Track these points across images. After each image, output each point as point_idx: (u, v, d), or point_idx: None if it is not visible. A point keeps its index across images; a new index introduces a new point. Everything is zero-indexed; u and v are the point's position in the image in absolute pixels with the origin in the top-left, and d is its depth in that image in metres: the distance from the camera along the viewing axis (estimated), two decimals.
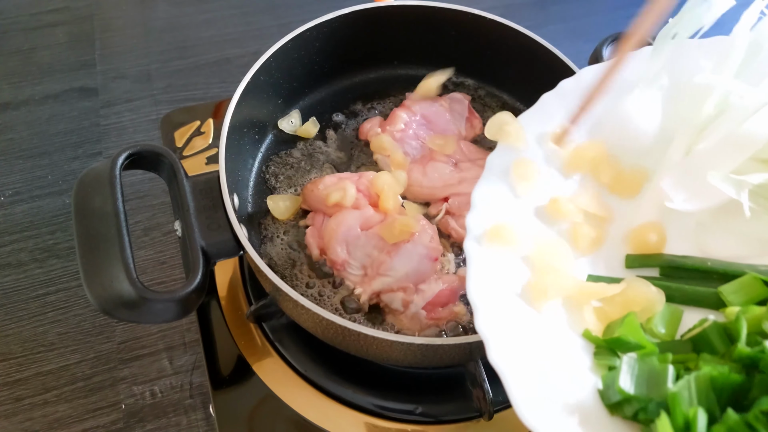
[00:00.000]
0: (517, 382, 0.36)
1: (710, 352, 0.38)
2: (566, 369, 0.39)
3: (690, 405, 0.34)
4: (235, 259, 0.72)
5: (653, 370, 0.36)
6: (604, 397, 0.37)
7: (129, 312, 0.49)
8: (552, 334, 0.40)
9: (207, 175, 0.58)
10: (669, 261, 0.45)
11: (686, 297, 0.43)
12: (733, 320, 0.38)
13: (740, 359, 0.36)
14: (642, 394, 0.35)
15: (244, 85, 0.64)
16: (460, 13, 0.72)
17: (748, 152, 0.44)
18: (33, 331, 0.70)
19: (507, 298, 0.41)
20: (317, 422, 0.61)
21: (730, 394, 0.35)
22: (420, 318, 0.58)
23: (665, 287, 0.43)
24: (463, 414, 0.62)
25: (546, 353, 0.39)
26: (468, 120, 0.73)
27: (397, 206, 0.64)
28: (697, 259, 0.45)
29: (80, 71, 0.96)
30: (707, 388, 0.34)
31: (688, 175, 0.45)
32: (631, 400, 0.35)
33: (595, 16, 1.08)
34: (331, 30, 0.71)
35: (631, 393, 0.35)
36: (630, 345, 0.39)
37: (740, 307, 0.40)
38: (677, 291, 0.44)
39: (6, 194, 0.82)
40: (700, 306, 0.43)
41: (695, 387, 0.34)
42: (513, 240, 0.43)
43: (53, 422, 0.64)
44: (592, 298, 0.43)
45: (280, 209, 0.66)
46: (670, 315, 0.42)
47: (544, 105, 0.50)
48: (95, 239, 0.51)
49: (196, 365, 0.68)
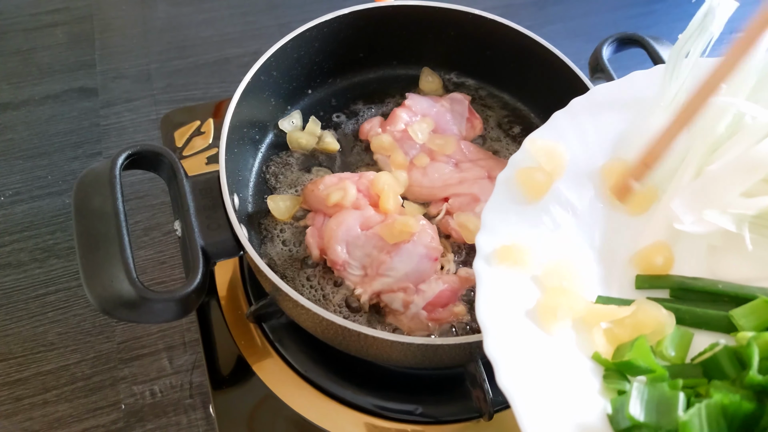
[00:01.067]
0: (526, 406, 0.35)
1: (721, 377, 0.38)
2: (575, 392, 0.38)
3: None
4: (235, 259, 0.72)
5: (663, 396, 0.36)
6: (614, 422, 0.37)
7: (129, 312, 0.49)
8: (561, 356, 0.40)
9: (207, 175, 0.58)
10: (679, 283, 0.45)
11: (697, 320, 0.43)
12: (744, 345, 0.38)
13: (752, 386, 0.36)
14: (652, 422, 0.35)
15: (245, 85, 0.64)
16: (460, 13, 0.72)
17: (759, 174, 0.43)
18: (33, 331, 0.70)
19: (517, 319, 0.40)
20: (317, 422, 0.61)
21: (741, 422, 0.34)
22: (420, 318, 0.58)
23: (675, 309, 0.43)
24: (463, 414, 0.62)
25: (555, 376, 0.38)
26: (468, 120, 0.73)
27: (398, 206, 0.64)
28: (708, 281, 0.44)
29: (80, 71, 0.96)
30: (718, 416, 0.34)
31: (698, 197, 0.45)
32: (641, 427, 0.35)
33: (595, 16, 1.08)
34: (331, 30, 0.71)
35: (641, 420, 0.35)
36: (640, 369, 0.38)
37: (752, 333, 0.39)
38: (687, 313, 0.43)
39: (6, 194, 0.82)
40: (711, 329, 0.43)
41: (706, 415, 0.34)
42: (523, 260, 0.43)
43: (53, 422, 0.64)
44: (602, 320, 0.42)
45: (281, 209, 0.66)
46: (680, 338, 0.42)
47: (555, 124, 0.49)
48: (95, 239, 0.51)
49: (196, 365, 0.68)
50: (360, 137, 0.74)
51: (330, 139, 0.73)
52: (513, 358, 0.38)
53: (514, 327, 0.40)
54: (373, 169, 0.70)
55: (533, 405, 0.36)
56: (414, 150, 0.69)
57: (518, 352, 0.38)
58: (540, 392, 0.37)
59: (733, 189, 0.44)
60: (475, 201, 0.65)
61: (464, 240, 0.63)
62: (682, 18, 1.05)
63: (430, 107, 0.72)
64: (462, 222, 0.63)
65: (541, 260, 0.44)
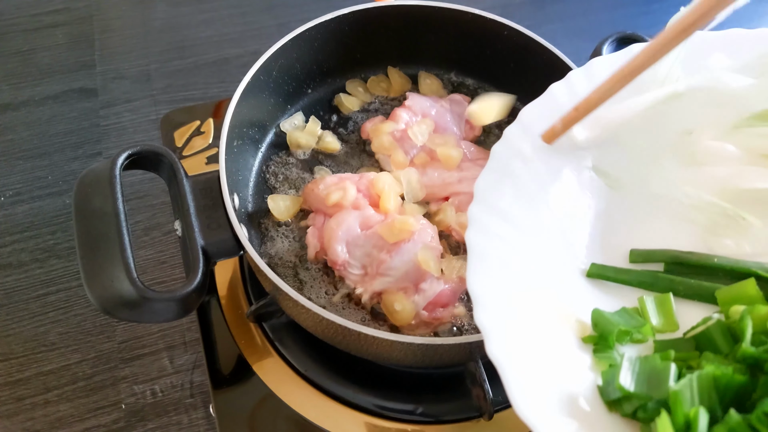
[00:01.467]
0: (515, 376, 0.35)
1: (713, 351, 0.38)
2: (565, 364, 0.38)
3: (691, 404, 0.33)
4: (235, 259, 0.72)
5: (655, 368, 0.36)
6: (604, 393, 0.37)
7: (129, 311, 0.49)
8: (551, 328, 0.40)
9: (207, 175, 0.58)
10: (674, 256, 0.45)
11: (690, 291, 0.43)
12: (737, 319, 0.38)
13: (744, 359, 0.36)
14: (642, 392, 0.35)
15: (244, 85, 0.64)
16: (460, 13, 0.72)
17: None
18: (34, 330, 0.70)
19: (507, 291, 0.40)
20: (317, 422, 0.61)
21: (733, 395, 0.34)
22: (421, 318, 0.58)
23: (669, 280, 0.43)
24: (463, 414, 0.62)
25: (545, 347, 0.39)
26: (468, 122, 0.73)
27: (398, 206, 0.64)
28: (703, 255, 0.44)
29: (80, 72, 0.96)
30: (710, 388, 0.34)
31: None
32: (631, 397, 0.35)
33: (594, 14, 1.08)
34: (331, 30, 0.71)
35: (632, 390, 0.35)
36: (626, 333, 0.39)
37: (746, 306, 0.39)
38: (681, 284, 0.43)
39: (6, 195, 0.82)
40: (705, 301, 0.42)
41: (697, 386, 0.34)
42: (515, 231, 0.42)
43: (54, 422, 0.65)
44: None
45: (281, 209, 0.66)
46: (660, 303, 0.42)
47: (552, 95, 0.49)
48: (95, 239, 0.51)
49: (197, 364, 0.68)
50: (361, 136, 0.74)
51: (330, 138, 0.73)
52: (503, 328, 0.37)
53: (505, 298, 0.40)
54: (373, 169, 0.70)
55: (522, 376, 0.36)
56: (414, 150, 0.69)
57: (508, 324, 0.38)
58: (529, 363, 0.37)
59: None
60: None
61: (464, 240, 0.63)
62: None
63: (431, 107, 0.72)
64: (462, 222, 0.63)
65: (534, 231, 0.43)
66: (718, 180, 0.46)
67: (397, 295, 0.59)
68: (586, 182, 0.48)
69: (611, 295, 0.44)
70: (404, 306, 0.58)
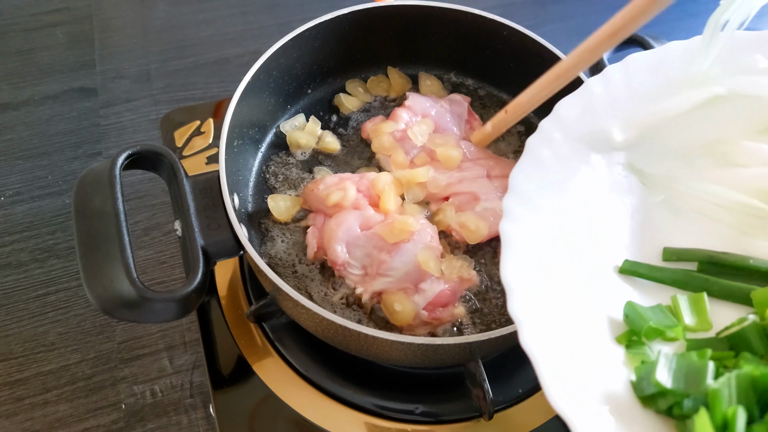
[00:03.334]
0: (548, 367, 0.35)
1: (749, 351, 0.38)
2: (598, 358, 0.38)
3: (729, 403, 0.33)
4: (235, 259, 0.72)
5: (692, 365, 0.36)
6: (638, 388, 0.37)
7: (129, 312, 0.49)
8: (584, 321, 0.40)
9: (207, 175, 0.58)
10: (708, 256, 0.44)
11: (725, 291, 0.42)
12: None
13: None
14: (679, 389, 0.35)
15: (245, 84, 0.64)
16: (460, 13, 0.72)
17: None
18: (33, 331, 0.70)
19: (540, 282, 0.40)
20: (317, 422, 0.61)
21: None
22: (421, 318, 0.58)
23: (703, 280, 0.43)
24: (463, 414, 0.62)
25: (577, 340, 0.38)
26: (467, 122, 0.73)
27: (398, 207, 0.64)
28: (738, 256, 0.44)
29: (80, 71, 0.96)
30: (747, 388, 0.34)
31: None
32: (666, 394, 0.35)
33: (594, 15, 1.08)
34: (331, 30, 0.71)
35: (668, 387, 0.35)
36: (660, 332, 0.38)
37: None
38: (716, 285, 0.43)
39: (6, 194, 0.82)
40: (738, 302, 0.42)
41: (735, 385, 0.34)
42: (548, 224, 0.42)
43: (54, 422, 0.65)
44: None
45: (281, 209, 0.66)
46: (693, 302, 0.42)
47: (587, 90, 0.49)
48: (95, 239, 0.51)
49: (197, 365, 0.68)
50: (361, 136, 0.74)
51: (330, 138, 0.73)
52: (536, 319, 0.37)
53: (539, 289, 0.39)
54: (373, 169, 0.70)
55: (555, 367, 0.35)
56: (414, 150, 0.69)
57: (542, 315, 0.38)
58: (562, 355, 0.37)
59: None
60: (475, 200, 0.65)
61: (465, 240, 0.63)
62: (682, 18, 1.06)
63: (431, 107, 0.72)
64: (462, 222, 0.63)
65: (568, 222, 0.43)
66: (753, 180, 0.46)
67: (397, 295, 0.58)
68: (619, 178, 0.48)
69: (643, 293, 0.44)
70: (404, 306, 0.58)
